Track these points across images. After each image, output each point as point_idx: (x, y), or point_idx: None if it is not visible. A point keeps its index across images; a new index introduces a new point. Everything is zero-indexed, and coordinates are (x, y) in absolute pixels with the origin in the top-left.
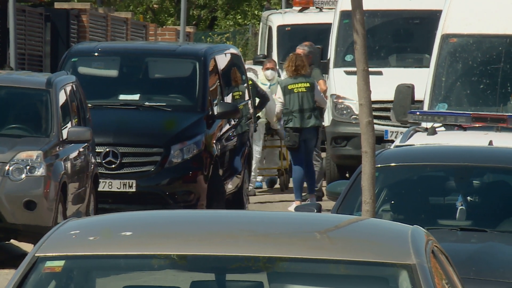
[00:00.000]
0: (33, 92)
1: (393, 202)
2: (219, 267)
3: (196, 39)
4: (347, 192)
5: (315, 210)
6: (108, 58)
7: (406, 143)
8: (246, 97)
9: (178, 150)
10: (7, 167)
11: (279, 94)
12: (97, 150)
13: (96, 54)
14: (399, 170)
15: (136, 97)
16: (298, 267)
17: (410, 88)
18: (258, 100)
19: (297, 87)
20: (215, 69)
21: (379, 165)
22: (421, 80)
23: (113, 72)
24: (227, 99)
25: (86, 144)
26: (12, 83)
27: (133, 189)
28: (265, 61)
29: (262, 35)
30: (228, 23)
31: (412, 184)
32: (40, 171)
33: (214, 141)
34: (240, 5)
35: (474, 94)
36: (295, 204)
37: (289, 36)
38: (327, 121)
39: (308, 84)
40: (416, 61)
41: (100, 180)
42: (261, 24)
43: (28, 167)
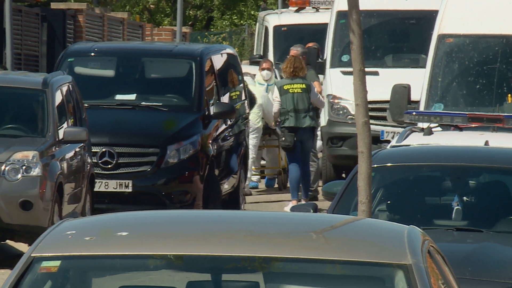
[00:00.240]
0: (29, 92)
1: (389, 202)
2: (215, 267)
3: (192, 39)
4: (343, 192)
5: (311, 210)
6: (105, 58)
7: (403, 143)
8: (243, 97)
9: (174, 150)
10: (3, 167)
11: (276, 94)
12: (93, 150)
13: (93, 54)
14: (396, 170)
15: (133, 97)
16: (294, 267)
17: (406, 88)
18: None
19: (293, 88)
20: (212, 69)
21: (376, 165)
22: (418, 80)
23: (110, 72)
24: (224, 99)
25: (82, 144)
26: (8, 83)
27: (129, 189)
28: (261, 62)
29: (259, 35)
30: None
31: (408, 184)
32: (36, 171)
33: (210, 141)
34: (236, 5)
35: (471, 94)
36: (292, 204)
37: (286, 36)
38: (324, 121)
39: (304, 86)
40: (413, 61)
41: (96, 180)
42: (257, 24)
43: (24, 167)
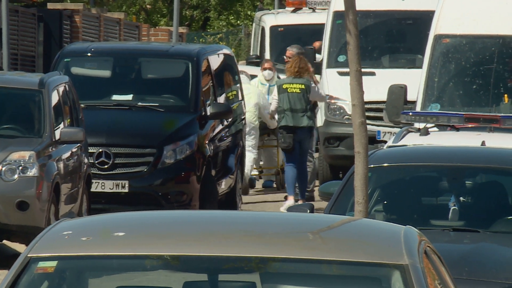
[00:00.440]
0: (26, 93)
1: (386, 203)
2: (212, 268)
3: (189, 40)
4: (340, 193)
5: (308, 211)
6: (101, 59)
7: (399, 144)
8: (239, 98)
9: (171, 151)
10: (0, 168)
11: (275, 92)
12: (90, 151)
13: (89, 55)
14: (392, 171)
15: (129, 98)
16: (291, 268)
17: (403, 89)
18: None
19: (291, 87)
20: (208, 70)
21: (372, 166)
22: (414, 81)
23: (106, 73)
24: (220, 100)
25: (79, 145)
26: (5, 84)
27: (126, 190)
28: (263, 62)
29: (255, 36)
30: (221, 24)
31: (405, 185)
32: (33, 172)
33: (207, 142)
34: (233, 6)
35: (467, 95)
36: (289, 200)
37: (282, 37)
38: (320, 122)
39: (303, 86)
40: (409, 62)
41: (93, 181)
42: (254, 25)
43: (21, 168)
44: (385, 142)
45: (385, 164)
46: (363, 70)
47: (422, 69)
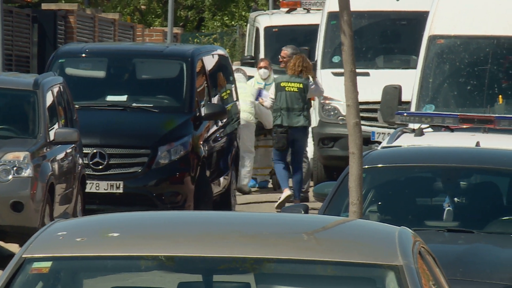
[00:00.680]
0: (20, 93)
1: (380, 203)
2: (206, 268)
3: (184, 40)
4: (335, 193)
5: (302, 211)
6: (96, 59)
7: (393, 144)
8: (234, 98)
9: (166, 151)
10: None
11: (272, 91)
12: (85, 151)
13: (84, 55)
14: (386, 171)
15: (124, 98)
16: (285, 268)
17: (397, 89)
18: None
19: (289, 86)
20: (203, 70)
21: (366, 166)
22: (408, 81)
23: (101, 73)
24: (215, 100)
25: (74, 145)
26: None
27: (120, 190)
28: (259, 61)
29: (250, 36)
30: (216, 24)
31: (399, 185)
32: (27, 172)
33: (202, 142)
34: (228, 6)
35: (462, 95)
36: (285, 193)
37: (277, 37)
38: (315, 122)
39: (301, 85)
40: (403, 62)
41: (87, 181)
42: (249, 25)
43: (15, 168)
44: (380, 143)
45: (380, 165)
46: (358, 71)
47: (417, 70)
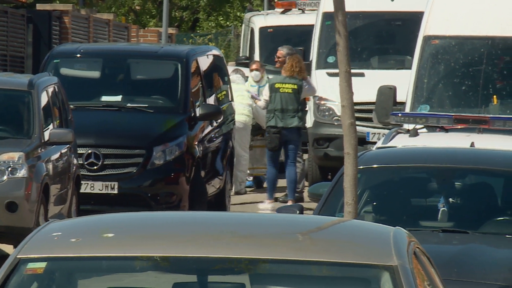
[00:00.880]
0: (15, 94)
1: (375, 204)
2: (201, 269)
3: (178, 41)
4: (329, 194)
5: (297, 212)
6: (90, 60)
7: (388, 145)
8: (229, 99)
9: (160, 152)
10: None
11: (266, 92)
12: (79, 152)
13: (78, 56)
14: (381, 172)
15: (118, 99)
16: (280, 269)
17: (392, 90)
18: None
19: (283, 87)
20: (197, 71)
21: (361, 167)
22: (403, 82)
23: (95, 74)
24: (210, 101)
25: (68, 146)
26: None
27: (115, 191)
28: (251, 63)
29: (245, 37)
30: (210, 25)
31: (394, 186)
32: (22, 173)
33: (196, 143)
34: (222, 7)
35: (456, 96)
36: (267, 203)
37: (272, 38)
38: (310, 123)
39: (296, 86)
40: (398, 63)
41: (82, 182)
42: (243, 26)
43: (10, 169)
44: (375, 143)
45: (375, 165)
46: (353, 71)
47: (411, 70)
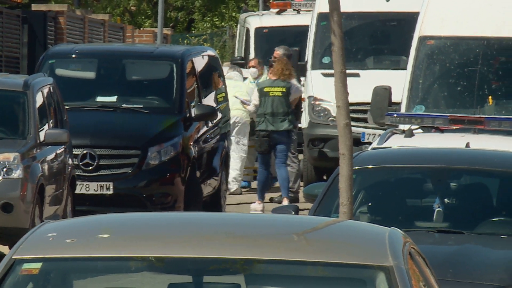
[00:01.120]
0: (10, 94)
1: (371, 204)
2: (197, 269)
3: (174, 41)
4: (325, 194)
5: (293, 212)
6: (86, 60)
7: (384, 145)
8: (224, 99)
9: (156, 152)
10: None
11: (255, 96)
12: (74, 152)
13: (74, 56)
14: (377, 172)
15: (114, 99)
16: (276, 269)
17: (387, 90)
18: None
19: (273, 91)
20: (193, 71)
21: (357, 167)
22: (398, 82)
23: (91, 74)
24: (205, 101)
25: (64, 146)
26: None
27: (110, 191)
28: (248, 60)
29: (240, 37)
30: (206, 25)
31: (390, 186)
32: (17, 173)
33: (192, 143)
34: (218, 7)
35: (452, 96)
36: (257, 203)
37: (267, 38)
38: (305, 123)
39: (285, 89)
40: (393, 63)
41: (77, 182)
42: (239, 26)
43: (5, 169)
44: (370, 144)
45: (370, 166)
46: (348, 72)
47: (407, 71)
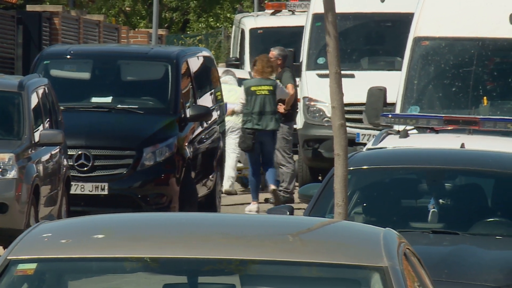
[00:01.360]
0: (5, 95)
1: (366, 205)
2: (191, 270)
3: (169, 42)
4: (320, 195)
5: (288, 213)
6: (81, 61)
7: (378, 146)
8: (219, 100)
9: (150, 153)
10: None
11: (242, 95)
12: (69, 153)
13: (69, 57)
14: (371, 173)
15: (109, 100)
16: (271, 270)
17: (382, 91)
18: None
19: (260, 89)
20: (188, 72)
21: (352, 168)
22: (393, 83)
23: (86, 75)
24: (200, 102)
25: (58, 147)
26: None
27: (105, 192)
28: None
29: (235, 38)
30: (201, 26)
31: (384, 187)
32: (12, 174)
33: (187, 144)
34: (213, 8)
35: (446, 97)
36: (252, 204)
37: (262, 39)
38: (300, 124)
39: (271, 87)
40: (388, 64)
41: (72, 183)
42: (234, 27)
43: (0, 170)
44: (365, 145)
45: (365, 167)
46: (343, 72)
47: (402, 71)
